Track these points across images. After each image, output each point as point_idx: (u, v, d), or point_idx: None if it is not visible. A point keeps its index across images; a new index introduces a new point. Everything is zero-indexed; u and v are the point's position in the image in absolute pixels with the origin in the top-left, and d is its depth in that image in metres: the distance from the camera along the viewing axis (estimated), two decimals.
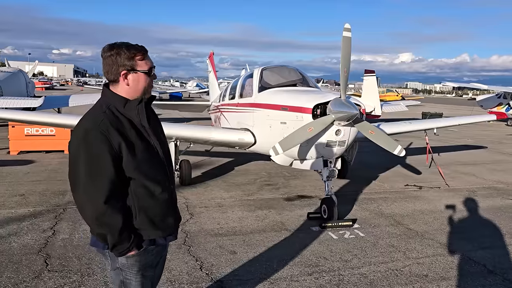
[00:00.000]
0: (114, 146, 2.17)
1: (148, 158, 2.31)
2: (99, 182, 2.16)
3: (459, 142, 16.69)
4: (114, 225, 2.21)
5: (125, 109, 2.29)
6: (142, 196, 2.31)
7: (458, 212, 7.06)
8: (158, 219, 2.39)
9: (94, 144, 2.15)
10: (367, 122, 6.16)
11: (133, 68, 2.27)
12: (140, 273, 2.43)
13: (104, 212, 2.17)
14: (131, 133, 2.25)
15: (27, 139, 11.28)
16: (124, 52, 2.25)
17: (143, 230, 2.36)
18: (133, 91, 2.32)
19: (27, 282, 4.09)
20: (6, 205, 6.57)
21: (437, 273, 4.62)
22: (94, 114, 2.27)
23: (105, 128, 2.16)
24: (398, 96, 41.79)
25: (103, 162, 2.15)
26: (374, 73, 18.32)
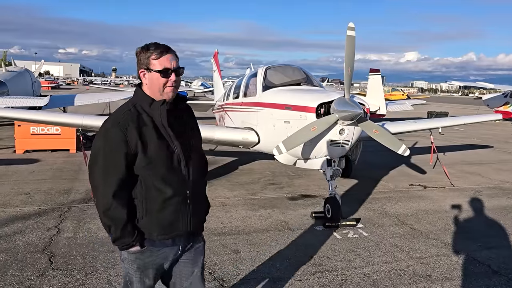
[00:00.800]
0: (131, 144, 2.25)
1: (163, 159, 2.31)
2: (111, 177, 2.27)
3: (465, 141, 16.59)
4: (118, 218, 2.29)
5: (151, 109, 2.34)
6: (151, 196, 2.33)
7: (463, 212, 7.02)
8: (166, 222, 2.37)
9: (113, 142, 2.25)
10: (371, 121, 6.14)
11: (148, 67, 2.32)
12: (140, 270, 2.45)
13: (110, 206, 2.27)
14: (151, 132, 2.29)
15: (33, 138, 11.34)
16: (144, 52, 2.33)
17: (147, 230, 2.38)
18: (151, 91, 2.36)
19: (31, 280, 4.12)
20: (11, 204, 6.62)
21: (441, 273, 4.60)
22: (119, 112, 2.37)
23: (124, 126, 2.26)
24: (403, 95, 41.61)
25: (118, 160, 2.25)
26: (379, 72, 18.25)
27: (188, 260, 2.59)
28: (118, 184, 2.27)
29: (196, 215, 2.48)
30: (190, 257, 2.60)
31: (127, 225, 2.31)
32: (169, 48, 2.37)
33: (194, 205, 2.45)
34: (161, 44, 2.37)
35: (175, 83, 2.35)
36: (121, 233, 2.32)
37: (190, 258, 2.60)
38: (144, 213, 2.36)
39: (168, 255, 2.48)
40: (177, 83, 2.38)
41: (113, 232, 2.34)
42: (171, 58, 2.33)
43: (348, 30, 5.82)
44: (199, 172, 2.48)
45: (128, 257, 2.44)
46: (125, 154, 2.25)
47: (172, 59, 2.33)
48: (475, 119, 11.86)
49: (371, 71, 18.37)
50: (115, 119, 2.31)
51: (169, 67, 2.31)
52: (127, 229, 2.31)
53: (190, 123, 2.55)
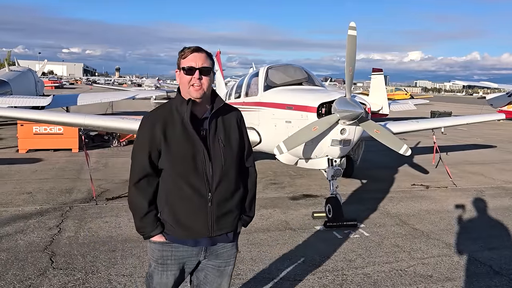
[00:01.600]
0: (156, 139, 2.34)
1: (186, 158, 2.33)
2: (136, 163, 2.41)
3: (468, 141, 16.53)
4: (138, 207, 2.41)
5: (180, 107, 2.38)
6: (172, 192, 2.38)
7: (465, 212, 6.99)
8: (185, 221, 2.38)
9: (142, 131, 2.41)
10: (373, 121, 6.13)
11: (178, 66, 2.42)
12: (160, 262, 2.48)
13: (132, 192, 2.42)
14: (177, 130, 2.34)
15: (36, 137, 11.39)
16: (179, 53, 2.42)
17: (168, 225, 2.42)
18: (182, 90, 2.43)
19: (32, 279, 4.13)
20: (13, 203, 6.64)
21: (442, 274, 4.58)
22: (156, 108, 2.52)
23: (153, 121, 2.38)
24: (407, 94, 41.50)
25: (143, 151, 2.38)
26: (382, 71, 18.22)
27: (215, 267, 2.57)
28: (142, 174, 2.38)
29: (221, 220, 2.43)
30: (217, 265, 2.57)
31: (148, 215, 2.40)
32: (200, 48, 2.41)
33: (218, 210, 2.40)
34: (194, 45, 2.43)
35: (199, 82, 2.34)
36: (140, 222, 2.42)
37: (216, 266, 2.57)
38: (164, 208, 2.42)
39: (190, 254, 2.48)
40: (204, 82, 2.36)
41: (134, 219, 2.46)
42: (198, 57, 2.36)
43: (349, 30, 5.81)
44: (226, 178, 2.42)
45: (150, 246, 2.51)
46: (149, 147, 2.35)
47: (199, 58, 2.36)
48: (478, 118, 11.81)
49: (373, 70, 18.34)
50: (149, 113, 2.46)
51: (193, 65, 2.35)
52: (147, 219, 2.40)
53: (231, 129, 2.49)
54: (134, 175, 2.40)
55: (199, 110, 2.42)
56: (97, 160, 10.36)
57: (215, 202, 2.39)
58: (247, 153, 2.62)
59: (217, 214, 2.41)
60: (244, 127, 2.62)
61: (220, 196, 2.41)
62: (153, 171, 2.39)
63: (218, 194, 2.40)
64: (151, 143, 2.35)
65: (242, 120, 2.61)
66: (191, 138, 2.34)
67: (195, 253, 2.49)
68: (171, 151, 2.33)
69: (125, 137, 12.97)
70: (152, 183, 2.41)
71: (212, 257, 2.54)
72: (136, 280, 4.16)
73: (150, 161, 2.37)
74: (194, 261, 2.52)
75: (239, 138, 2.53)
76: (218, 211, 2.41)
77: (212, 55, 2.47)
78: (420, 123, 10.12)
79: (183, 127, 2.35)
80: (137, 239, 5.25)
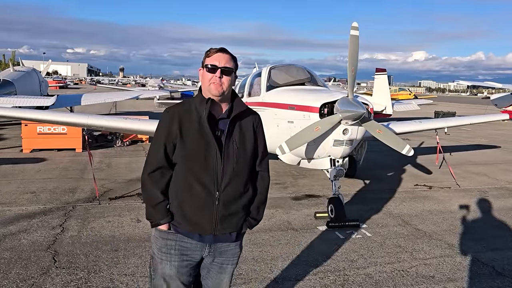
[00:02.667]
0: (172, 133, 2.42)
1: (198, 156, 2.38)
2: (152, 154, 2.49)
3: (472, 141, 16.46)
4: (152, 196, 2.47)
5: (199, 105, 2.44)
6: (182, 186, 2.44)
7: (468, 212, 6.97)
8: (190, 214, 2.44)
9: (161, 124, 2.48)
10: (375, 121, 6.12)
11: (202, 64, 2.48)
12: (163, 251, 2.52)
13: (146, 181, 2.48)
14: (194, 127, 2.40)
15: (40, 137, 11.44)
16: (205, 53, 2.49)
17: (176, 217, 2.48)
18: (203, 87, 2.48)
19: (35, 278, 4.15)
20: (17, 202, 6.68)
21: (444, 274, 4.57)
22: (177, 104, 2.59)
23: (172, 114, 2.45)
24: (410, 95, 41.41)
25: (160, 140, 2.45)
26: (385, 71, 18.17)
27: (217, 264, 2.61)
28: (156, 165, 2.45)
29: (225, 220, 2.47)
30: (220, 262, 2.61)
31: (161, 203, 2.46)
32: (225, 49, 2.48)
33: (224, 209, 2.44)
34: (220, 46, 2.50)
35: (220, 80, 2.40)
36: (152, 209, 2.48)
37: (219, 263, 2.61)
38: (174, 201, 2.47)
39: (194, 247, 2.51)
40: (224, 82, 2.41)
41: (146, 207, 2.54)
42: (222, 57, 2.43)
43: (351, 30, 5.80)
44: (236, 179, 2.46)
45: (154, 234, 2.57)
46: (165, 140, 2.43)
47: (222, 58, 2.42)
48: (481, 119, 11.76)
49: (377, 70, 18.30)
50: (169, 108, 2.52)
51: (216, 64, 2.41)
52: (159, 208, 2.46)
53: (248, 133, 2.52)
54: (149, 165, 2.48)
55: (217, 110, 2.47)
56: (100, 160, 10.40)
57: (222, 202, 2.43)
58: (261, 157, 2.64)
59: (223, 213, 2.44)
60: (262, 131, 2.63)
61: (227, 197, 2.44)
62: (167, 164, 2.46)
63: (226, 194, 2.44)
64: (167, 136, 2.43)
65: (260, 123, 2.62)
66: (206, 137, 2.39)
67: (199, 247, 2.52)
68: (185, 147, 2.40)
69: (128, 137, 13.01)
70: (165, 175, 2.47)
71: (216, 254, 2.58)
72: (138, 280, 4.18)
73: (166, 154, 2.44)
74: (197, 255, 2.54)
75: (254, 141, 2.56)
76: (224, 211, 2.45)
77: (236, 58, 2.53)
78: (423, 123, 10.09)
79: (200, 125, 2.40)
80: (139, 238, 5.27)
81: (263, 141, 2.64)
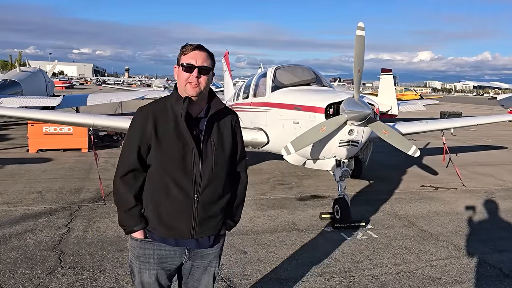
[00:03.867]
0: (146, 133, 2.30)
1: (175, 157, 2.28)
2: (125, 156, 2.38)
3: (478, 142, 16.35)
4: (125, 201, 2.37)
5: (176, 104, 2.33)
6: (157, 189, 2.33)
7: (474, 214, 6.92)
8: (167, 220, 2.34)
9: (134, 125, 2.37)
10: (381, 121, 6.09)
11: (178, 62, 2.36)
12: (141, 260, 2.43)
13: (118, 185, 2.38)
14: (169, 127, 2.29)
15: (46, 137, 11.48)
16: (181, 49, 2.37)
17: (150, 222, 2.38)
18: (178, 87, 2.37)
19: (40, 278, 4.16)
20: (23, 202, 6.71)
21: (450, 276, 4.54)
22: (149, 102, 2.48)
23: (146, 113, 2.34)
24: (416, 95, 41.22)
25: (133, 142, 2.34)
26: (391, 72, 18.09)
27: (200, 266, 2.54)
28: (129, 168, 2.34)
29: (204, 223, 2.38)
30: (203, 265, 2.54)
31: (133, 209, 2.36)
32: (202, 47, 2.36)
33: (203, 212, 2.36)
34: (197, 43, 2.37)
35: (197, 80, 2.29)
36: (125, 215, 2.38)
37: (202, 266, 2.54)
38: (149, 205, 2.37)
39: (173, 254, 2.43)
40: (202, 81, 2.31)
41: (118, 212, 2.43)
42: (199, 55, 2.31)
43: (357, 30, 5.78)
44: (215, 181, 2.37)
45: (131, 243, 2.47)
46: (139, 141, 2.32)
47: (199, 56, 2.31)
48: (488, 119, 11.66)
49: (382, 71, 18.23)
50: (142, 107, 2.40)
51: (193, 63, 2.29)
52: (132, 213, 2.36)
53: (225, 132, 2.44)
54: (121, 168, 2.37)
55: (194, 110, 2.36)
56: (106, 160, 10.43)
57: (201, 204, 2.34)
58: (239, 158, 2.56)
59: (201, 216, 2.35)
60: (239, 130, 2.56)
61: (206, 199, 2.35)
62: (141, 166, 2.35)
63: (205, 196, 2.34)
64: (141, 137, 2.31)
65: (238, 123, 2.55)
66: (183, 137, 2.28)
67: (178, 253, 2.44)
68: (161, 147, 2.29)
69: None
70: (139, 177, 2.37)
71: (197, 258, 2.51)
72: None
73: (139, 156, 2.33)
74: (177, 261, 2.47)
75: (232, 141, 2.47)
76: (203, 214, 2.36)
77: (213, 56, 2.41)
78: (429, 124, 10.02)
79: (176, 125, 2.29)
80: None
81: (241, 140, 2.56)
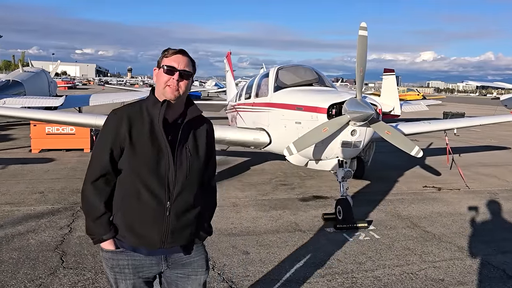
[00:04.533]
0: (120, 136, 2.21)
1: (148, 161, 2.20)
2: (96, 160, 2.27)
3: (481, 142, 16.29)
4: (94, 208, 2.25)
5: (152, 108, 2.27)
6: (128, 195, 2.24)
7: (478, 214, 6.88)
8: (137, 225, 2.23)
9: (107, 127, 2.27)
10: (384, 122, 6.06)
11: (159, 64, 2.31)
12: (116, 271, 2.33)
13: (88, 190, 2.26)
14: (145, 131, 2.22)
15: (48, 137, 11.50)
16: (162, 53, 2.33)
17: (120, 229, 2.28)
18: (157, 90, 2.31)
19: (42, 278, 4.16)
20: (26, 202, 6.72)
21: (453, 278, 4.51)
22: (124, 105, 2.39)
23: (121, 116, 2.25)
24: (419, 95, 41.10)
25: (106, 145, 2.24)
26: (393, 72, 18.05)
27: (184, 275, 2.42)
28: (101, 172, 2.24)
29: (176, 233, 2.28)
30: (186, 273, 2.42)
31: (102, 216, 2.25)
32: (185, 52, 2.32)
33: (176, 221, 2.25)
34: (179, 48, 2.34)
35: (178, 84, 2.25)
36: (93, 224, 2.26)
37: (186, 274, 2.42)
38: (118, 212, 2.27)
39: (149, 264, 2.33)
40: (181, 86, 2.27)
41: (86, 220, 2.31)
42: (181, 59, 2.27)
43: (360, 30, 5.76)
44: (188, 188, 2.29)
45: (103, 255, 2.36)
46: (112, 144, 2.22)
47: (182, 61, 2.27)
48: (491, 119, 11.61)
49: (385, 71, 18.19)
50: (116, 110, 2.31)
51: (175, 66, 2.25)
52: (101, 221, 2.25)
53: (201, 139, 2.38)
54: (92, 172, 2.26)
55: (171, 114, 2.29)
56: None
57: (174, 213, 2.24)
58: (211, 167, 2.52)
59: (174, 225, 2.25)
60: (213, 139, 2.51)
61: (179, 207, 2.26)
62: (112, 171, 2.25)
63: (178, 204, 2.25)
64: (114, 140, 2.22)
65: (213, 132, 2.50)
66: (158, 141, 2.21)
67: (154, 262, 2.33)
68: (134, 151, 2.20)
69: None
70: (109, 183, 2.27)
71: (178, 266, 2.40)
72: None
73: (111, 159, 2.23)
74: (154, 271, 2.37)
75: (207, 149, 2.41)
76: (176, 223, 2.26)
77: (195, 63, 2.38)
78: (432, 124, 10.00)
79: (151, 128, 2.23)
80: None
81: (214, 149, 2.53)
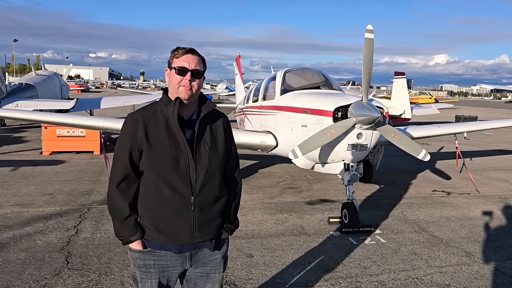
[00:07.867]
0: (138, 138, 2.27)
1: (168, 159, 2.25)
2: (117, 164, 2.33)
3: (494, 146, 16.05)
4: (120, 210, 2.31)
5: (166, 107, 2.31)
6: (152, 194, 2.29)
7: (487, 219, 6.77)
8: (164, 223, 2.29)
9: (124, 131, 2.33)
10: (390, 125, 6.01)
11: (170, 65, 2.34)
12: (143, 270, 2.39)
13: (113, 194, 2.32)
14: (161, 131, 2.27)
15: (59, 140, 11.65)
16: (172, 52, 2.36)
17: (147, 230, 2.33)
18: (170, 90, 2.36)
19: (47, 279, 4.20)
20: (35, 204, 6.81)
21: (460, 283, 4.44)
22: (140, 108, 2.44)
23: (136, 119, 2.30)
24: (431, 98, 40.73)
25: (124, 148, 2.30)
26: (404, 75, 17.92)
27: (203, 274, 2.48)
28: (123, 175, 2.30)
29: (204, 226, 2.33)
30: (206, 271, 2.47)
31: (128, 218, 2.31)
32: (194, 50, 2.35)
33: (201, 214, 2.30)
34: (189, 47, 2.36)
35: (190, 83, 2.29)
36: (120, 225, 2.33)
37: (205, 273, 2.48)
38: (144, 212, 2.33)
39: (174, 263, 2.39)
40: (194, 85, 2.31)
41: (114, 223, 2.37)
42: (191, 59, 2.30)
43: (366, 33, 5.73)
44: (210, 182, 2.34)
45: (131, 255, 2.41)
46: (130, 146, 2.28)
47: (192, 60, 2.30)
48: (502, 123, 11.43)
49: (396, 74, 18.08)
50: (132, 113, 2.38)
51: (186, 66, 2.29)
52: (127, 223, 2.31)
53: (218, 133, 2.43)
54: (115, 176, 2.32)
55: (185, 112, 2.34)
56: None
57: (198, 207, 2.29)
58: (233, 159, 2.55)
59: (200, 219, 2.30)
60: (231, 132, 2.54)
61: (203, 201, 2.31)
62: (134, 173, 2.32)
63: (201, 198, 2.30)
64: (132, 143, 2.28)
65: (229, 124, 2.53)
66: (175, 139, 2.26)
67: (179, 261, 2.39)
68: (153, 151, 2.25)
69: None
70: (132, 185, 2.33)
71: (200, 265, 2.45)
72: None
73: (131, 162, 2.30)
74: (179, 270, 2.43)
75: (226, 142, 2.45)
76: (201, 216, 2.31)
77: (205, 60, 2.40)
78: (442, 127, 9.88)
79: (167, 128, 2.27)
80: None
81: (234, 142, 2.56)
